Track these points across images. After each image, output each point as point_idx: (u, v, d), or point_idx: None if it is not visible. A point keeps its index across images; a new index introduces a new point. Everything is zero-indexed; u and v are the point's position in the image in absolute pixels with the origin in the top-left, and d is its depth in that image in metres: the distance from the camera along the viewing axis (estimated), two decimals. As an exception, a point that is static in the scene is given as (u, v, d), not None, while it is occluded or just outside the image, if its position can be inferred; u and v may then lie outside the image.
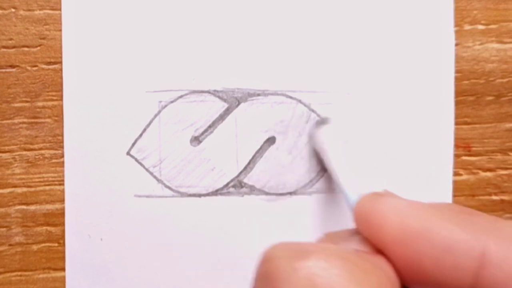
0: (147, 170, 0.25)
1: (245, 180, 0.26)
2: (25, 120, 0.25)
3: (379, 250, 0.17)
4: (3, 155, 0.25)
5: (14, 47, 0.25)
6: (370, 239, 0.17)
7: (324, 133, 0.25)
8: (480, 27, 0.27)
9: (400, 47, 0.26)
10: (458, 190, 0.27)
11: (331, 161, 0.24)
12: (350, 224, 0.26)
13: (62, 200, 0.25)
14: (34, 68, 0.25)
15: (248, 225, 0.26)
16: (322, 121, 0.25)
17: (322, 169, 0.26)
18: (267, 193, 0.26)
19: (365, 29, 0.26)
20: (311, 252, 0.15)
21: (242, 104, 0.26)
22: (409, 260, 0.16)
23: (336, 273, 0.14)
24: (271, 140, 0.26)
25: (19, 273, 0.26)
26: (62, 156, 0.25)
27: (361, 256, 0.17)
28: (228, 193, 0.26)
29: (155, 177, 0.25)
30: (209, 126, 0.26)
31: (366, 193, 0.19)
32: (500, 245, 0.15)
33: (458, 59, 0.26)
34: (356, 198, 0.19)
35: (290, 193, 0.26)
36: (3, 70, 0.25)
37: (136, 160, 0.25)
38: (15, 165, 0.25)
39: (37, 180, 0.25)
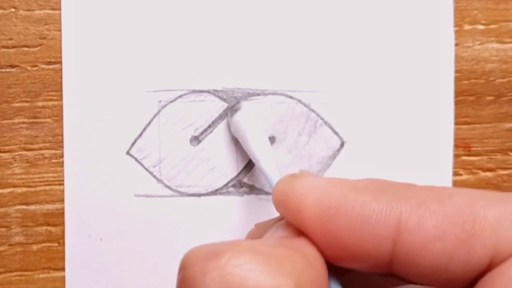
0: (147, 169, 0.25)
1: (245, 180, 0.26)
2: (25, 120, 0.25)
3: (301, 232, 0.17)
4: (3, 155, 0.25)
5: (14, 47, 0.25)
6: (291, 221, 0.17)
7: (238, 120, 0.25)
8: (480, 27, 0.27)
9: (400, 47, 0.26)
10: (458, 190, 0.27)
11: (250, 148, 0.24)
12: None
13: (62, 200, 0.25)
14: (34, 68, 0.25)
15: (248, 224, 0.26)
16: (235, 107, 0.25)
17: (322, 169, 0.26)
18: (267, 193, 0.26)
19: (365, 29, 0.26)
20: (221, 251, 0.15)
21: (242, 104, 0.26)
22: (329, 236, 0.16)
23: (249, 268, 0.15)
24: (271, 140, 0.26)
25: (19, 273, 0.25)
26: (62, 156, 0.25)
27: (278, 244, 0.17)
28: (228, 193, 0.26)
29: (155, 176, 0.25)
30: (209, 126, 0.26)
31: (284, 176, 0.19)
32: (413, 211, 0.16)
33: (458, 59, 0.26)
34: (277, 180, 0.19)
35: (290, 193, 0.26)
36: (3, 70, 0.25)
37: (136, 159, 0.25)
38: (15, 165, 0.25)
39: (37, 180, 0.25)
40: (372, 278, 0.19)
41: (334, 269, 0.17)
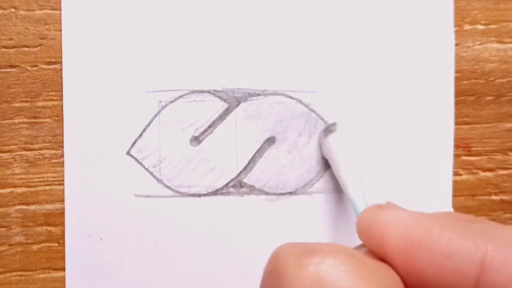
0: (147, 170, 0.25)
1: (245, 180, 0.26)
2: (25, 120, 0.25)
3: (383, 261, 0.17)
4: (3, 155, 0.25)
5: (14, 47, 0.25)
6: (373, 251, 0.17)
7: (331, 141, 0.25)
8: (480, 27, 0.27)
9: (400, 47, 0.26)
10: (458, 190, 0.27)
11: (340, 172, 0.24)
12: (350, 223, 0.26)
13: (62, 200, 0.25)
14: (34, 68, 0.25)
15: (248, 225, 0.26)
16: (329, 129, 0.25)
17: (322, 169, 0.26)
18: (267, 193, 0.26)
19: (365, 29, 0.26)
20: (319, 250, 0.15)
21: (242, 104, 0.26)
22: (411, 268, 0.16)
23: (344, 270, 0.15)
24: (271, 140, 0.26)
25: (19, 273, 0.26)
26: (62, 156, 0.25)
27: (369, 256, 0.17)
28: (228, 193, 0.26)
29: (155, 177, 0.25)
30: (209, 126, 0.26)
31: (371, 204, 0.19)
32: (499, 250, 0.15)
33: (458, 59, 0.26)
34: (363, 208, 0.20)
35: (290, 193, 0.26)
36: (3, 70, 0.25)
37: (136, 160, 0.25)
38: (15, 165, 0.25)
39: (37, 180, 0.25)
40: None
41: None
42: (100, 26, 0.25)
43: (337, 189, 0.26)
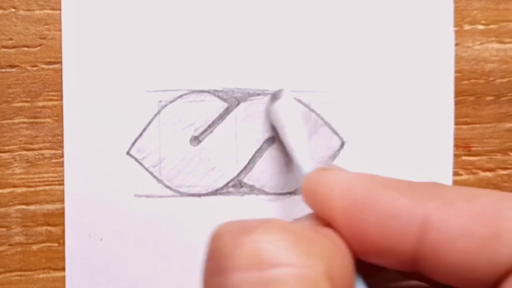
0: (147, 170, 0.25)
1: (245, 180, 0.26)
2: (25, 120, 0.25)
3: (328, 225, 0.17)
4: (3, 155, 0.25)
5: (14, 47, 0.25)
6: (318, 214, 0.18)
7: (278, 108, 0.25)
8: (480, 27, 0.27)
9: (400, 47, 0.26)
10: (458, 190, 0.27)
11: (286, 137, 0.24)
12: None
13: (62, 200, 0.25)
14: (34, 68, 0.25)
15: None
16: (276, 95, 0.25)
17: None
18: (267, 193, 0.26)
19: (365, 29, 0.26)
20: (255, 226, 0.15)
21: (242, 104, 0.26)
22: (355, 229, 0.16)
23: (281, 245, 0.15)
24: (271, 140, 0.26)
25: (19, 273, 0.25)
26: (62, 156, 0.25)
27: (308, 227, 0.17)
28: (228, 193, 0.26)
29: (155, 177, 0.25)
30: (209, 126, 0.26)
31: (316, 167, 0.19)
32: (440, 208, 0.16)
33: (458, 59, 0.26)
34: (308, 171, 0.20)
35: (290, 193, 0.26)
36: (3, 70, 0.25)
37: (136, 160, 0.25)
38: (15, 165, 0.25)
39: (37, 180, 0.25)
40: (396, 283, 0.19)
41: (360, 269, 0.17)
42: (100, 26, 0.25)
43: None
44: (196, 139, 0.26)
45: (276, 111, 0.24)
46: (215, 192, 0.26)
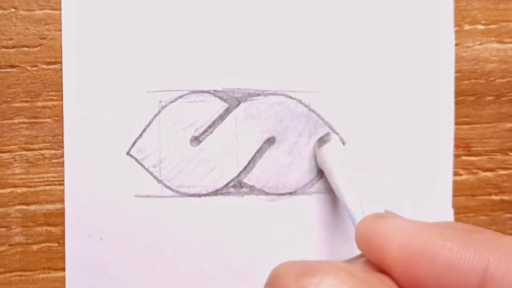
0: (147, 170, 0.25)
1: (245, 180, 0.26)
2: (25, 120, 0.25)
3: (382, 271, 0.17)
4: (3, 155, 0.25)
5: (14, 47, 0.25)
6: (373, 261, 0.17)
7: (326, 152, 0.25)
8: (480, 27, 0.27)
9: (400, 47, 0.26)
10: (458, 190, 0.27)
11: (335, 182, 0.24)
12: (350, 224, 0.26)
13: (62, 200, 0.25)
14: (34, 68, 0.25)
15: (248, 225, 0.26)
16: (324, 139, 0.25)
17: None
18: (267, 193, 0.26)
19: (365, 29, 0.26)
20: (318, 269, 0.15)
21: (242, 104, 0.26)
22: (413, 279, 0.16)
23: None
24: (271, 140, 0.26)
25: (19, 273, 0.26)
26: (62, 156, 0.25)
27: (368, 272, 0.17)
28: (228, 193, 0.26)
29: (155, 177, 0.25)
30: (209, 126, 0.26)
31: (368, 214, 0.19)
32: (501, 261, 0.15)
33: (458, 59, 0.26)
34: (360, 219, 0.20)
35: (290, 193, 0.26)
36: (3, 70, 0.25)
37: (136, 160, 0.25)
38: (15, 165, 0.25)
39: (37, 180, 0.25)
40: None
41: None
42: (100, 26, 0.25)
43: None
44: (196, 140, 0.26)
45: (325, 154, 0.25)
46: (215, 193, 0.26)
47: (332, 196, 0.26)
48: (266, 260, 0.26)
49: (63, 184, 0.25)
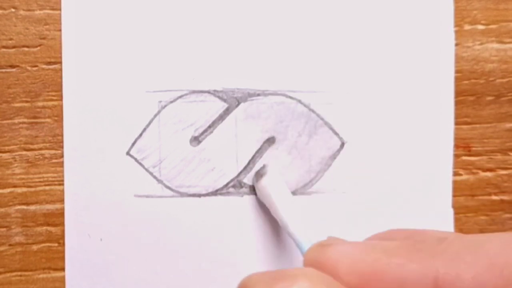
0: (147, 170, 0.25)
1: (245, 180, 0.26)
2: (25, 120, 0.25)
3: None
4: (3, 155, 0.25)
5: (14, 47, 0.25)
6: None
7: (264, 185, 0.25)
8: (480, 27, 0.27)
9: (400, 47, 0.26)
10: (458, 190, 0.27)
11: (278, 213, 0.24)
12: (350, 224, 0.26)
13: (62, 200, 0.25)
14: (34, 68, 0.25)
15: (248, 225, 0.26)
16: (260, 172, 0.25)
17: (322, 169, 0.26)
18: (267, 193, 0.26)
19: (365, 29, 0.26)
20: (289, 274, 0.15)
21: (242, 104, 0.26)
22: None
23: None
24: (271, 140, 0.26)
25: (19, 273, 0.26)
26: (62, 156, 0.25)
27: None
28: (228, 193, 0.26)
29: (155, 177, 0.25)
30: (209, 126, 0.26)
31: (314, 241, 0.19)
32: (449, 266, 0.15)
33: (458, 59, 0.26)
34: (307, 248, 0.20)
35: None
36: (3, 70, 0.25)
37: (136, 160, 0.25)
38: (15, 165, 0.25)
39: (37, 180, 0.25)
40: None
41: None
42: (100, 26, 0.25)
43: (337, 190, 0.26)
44: (196, 140, 0.26)
45: (263, 188, 0.25)
46: (215, 193, 0.26)
47: (331, 196, 0.26)
48: (266, 260, 0.26)
49: (63, 184, 0.25)
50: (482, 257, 0.15)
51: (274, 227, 0.26)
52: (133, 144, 0.25)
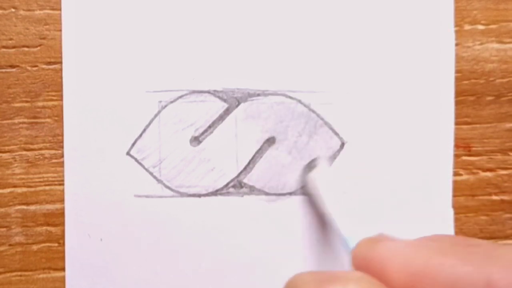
0: (147, 170, 0.25)
1: (245, 180, 0.26)
2: (25, 120, 0.25)
3: None
4: (3, 155, 0.25)
5: (14, 47, 0.25)
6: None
7: (315, 177, 0.25)
8: (480, 27, 0.27)
9: (400, 47, 0.26)
10: (458, 190, 0.27)
11: (326, 207, 0.24)
12: (349, 224, 0.26)
13: (62, 200, 0.25)
14: (34, 68, 0.25)
15: (248, 225, 0.26)
16: (311, 165, 0.25)
17: (322, 169, 0.26)
18: (267, 193, 0.26)
19: (365, 29, 0.26)
20: (339, 277, 0.15)
21: (242, 104, 0.26)
22: None
23: None
24: (271, 140, 0.26)
25: (19, 273, 0.26)
26: (62, 156, 0.25)
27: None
28: (228, 193, 0.26)
29: (155, 177, 0.25)
30: (209, 126, 0.26)
31: (362, 238, 0.19)
32: (503, 272, 0.15)
33: (458, 59, 0.26)
34: (354, 243, 0.19)
35: (290, 193, 0.26)
36: (3, 70, 0.25)
37: (136, 160, 0.25)
38: (15, 165, 0.25)
39: (37, 180, 0.25)
40: None
41: None
42: (100, 26, 0.25)
43: (337, 190, 0.26)
44: (196, 140, 0.26)
45: (313, 180, 0.25)
46: (215, 193, 0.26)
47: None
48: (266, 260, 0.26)
49: (63, 184, 0.25)
50: None
51: (274, 227, 0.26)
52: (133, 144, 0.25)
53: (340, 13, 0.26)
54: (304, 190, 0.25)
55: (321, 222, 0.26)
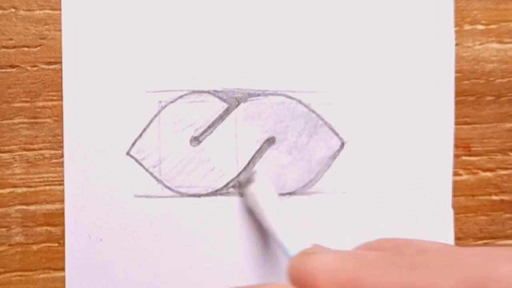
0: (147, 170, 0.25)
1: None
2: (25, 120, 0.25)
3: None
4: (3, 155, 0.25)
5: (14, 47, 0.25)
6: None
7: (253, 191, 0.25)
8: (480, 27, 0.27)
9: (400, 47, 0.26)
10: (458, 190, 0.27)
11: (266, 221, 0.24)
12: (349, 224, 0.26)
13: (62, 200, 0.25)
14: (34, 68, 0.25)
15: (247, 225, 0.26)
16: (249, 179, 0.25)
17: (322, 169, 0.26)
18: (267, 193, 0.26)
19: (365, 29, 0.26)
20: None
21: (242, 104, 0.26)
22: None
23: None
24: (271, 140, 0.26)
25: (19, 273, 0.26)
26: (62, 156, 0.25)
27: None
28: (228, 193, 0.26)
29: (155, 177, 0.25)
30: (209, 126, 0.26)
31: (301, 249, 0.20)
32: (427, 279, 0.16)
33: (458, 59, 0.26)
34: (293, 254, 0.20)
35: (290, 193, 0.26)
36: (3, 70, 0.25)
37: (136, 160, 0.25)
38: (15, 165, 0.25)
39: (37, 180, 0.25)
40: None
41: None
42: (100, 26, 0.25)
43: (337, 190, 0.26)
44: (196, 140, 0.26)
45: (252, 194, 0.25)
46: (215, 193, 0.26)
47: (331, 197, 0.26)
48: (266, 260, 0.26)
49: (63, 184, 0.25)
50: (459, 272, 0.15)
51: (274, 227, 0.26)
52: (133, 144, 0.25)
53: (340, 13, 0.26)
54: (245, 204, 0.26)
55: (321, 221, 0.26)
